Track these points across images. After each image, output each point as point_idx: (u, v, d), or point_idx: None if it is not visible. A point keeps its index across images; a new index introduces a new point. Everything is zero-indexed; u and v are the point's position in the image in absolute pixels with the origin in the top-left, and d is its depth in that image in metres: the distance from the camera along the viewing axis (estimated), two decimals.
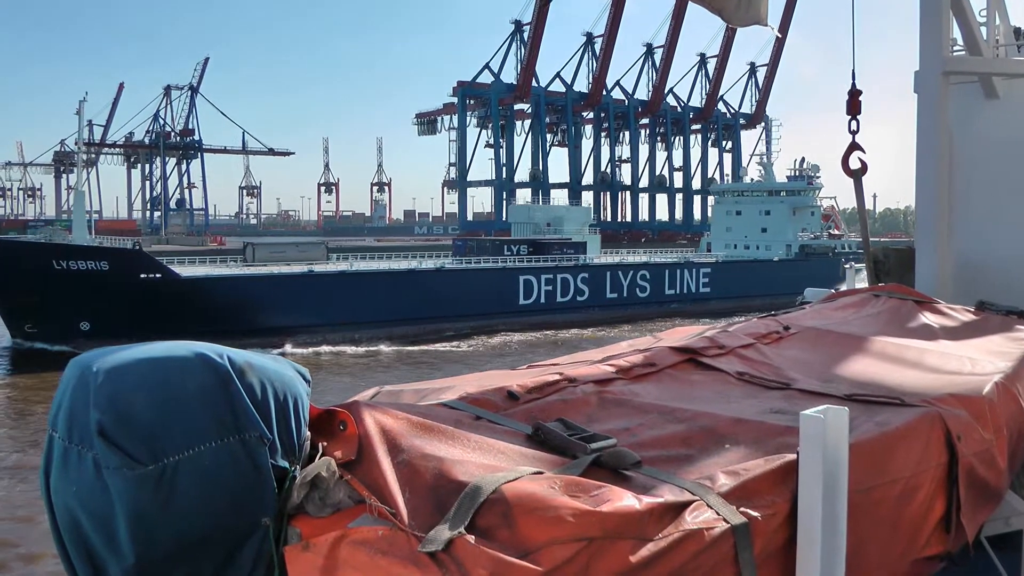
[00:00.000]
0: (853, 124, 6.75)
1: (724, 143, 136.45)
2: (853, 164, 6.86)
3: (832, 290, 6.89)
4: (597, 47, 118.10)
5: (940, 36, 7.20)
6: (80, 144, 48.76)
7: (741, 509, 2.20)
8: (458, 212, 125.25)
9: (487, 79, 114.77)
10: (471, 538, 1.81)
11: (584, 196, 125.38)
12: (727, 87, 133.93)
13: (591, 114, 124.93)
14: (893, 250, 8.05)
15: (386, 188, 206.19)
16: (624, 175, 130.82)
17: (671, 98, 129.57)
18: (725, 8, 5.54)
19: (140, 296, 38.42)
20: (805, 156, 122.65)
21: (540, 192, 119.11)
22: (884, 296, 5.41)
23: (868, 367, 3.83)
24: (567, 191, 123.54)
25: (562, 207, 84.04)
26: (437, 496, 1.95)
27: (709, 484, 2.24)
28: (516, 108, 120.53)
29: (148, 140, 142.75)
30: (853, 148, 6.82)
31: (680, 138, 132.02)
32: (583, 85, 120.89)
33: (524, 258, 54.95)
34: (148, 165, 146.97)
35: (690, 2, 5.60)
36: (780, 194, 72.57)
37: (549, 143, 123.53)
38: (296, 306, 41.57)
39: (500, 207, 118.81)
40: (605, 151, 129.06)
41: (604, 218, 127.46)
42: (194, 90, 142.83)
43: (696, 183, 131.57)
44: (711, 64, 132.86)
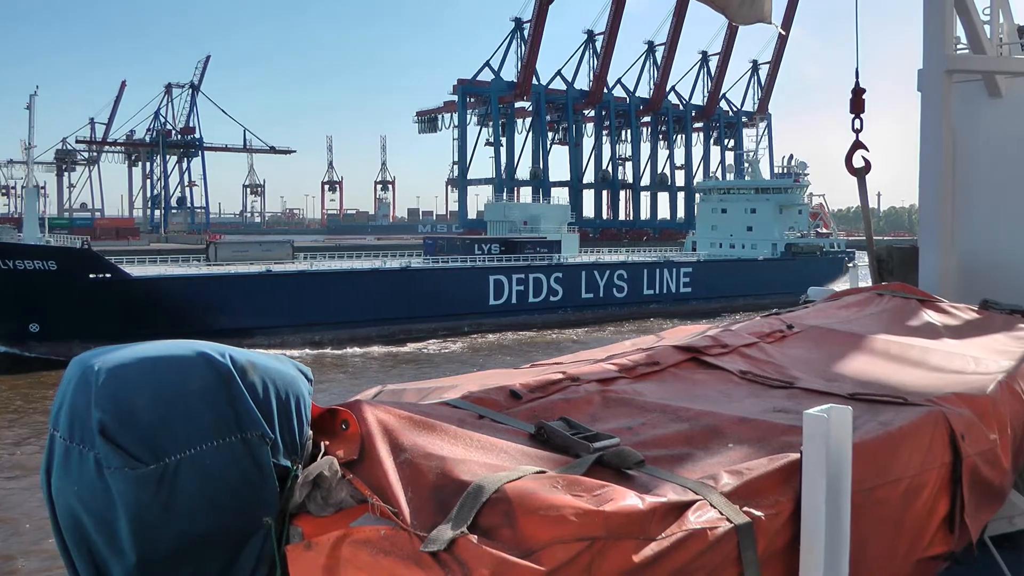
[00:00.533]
0: (856, 122, 6.74)
1: (727, 141, 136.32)
2: (856, 163, 6.85)
3: (833, 289, 6.88)
4: (598, 45, 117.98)
5: (943, 34, 7.19)
6: (24, 143, 47.95)
7: (744, 509, 2.19)
8: (458, 210, 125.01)
9: (488, 77, 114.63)
10: (473, 538, 1.81)
11: (585, 194, 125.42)
12: (729, 85, 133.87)
13: (592, 112, 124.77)
14: (896, 249, 8.03)
15: (390, 186, 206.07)
16: (626, 173, 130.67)
17: (673, 96, 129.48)
18: (729, 6, 5.53)
19: (89, 297, 36.92)
20: (793, 153, 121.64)
21: (540, 191, 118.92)
22: (888, 295, 5.40)
23: (872, 366, 3.82)
24: (568, 189, 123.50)
25: (539, 205, 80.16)
26: (439, 495, 1.94)
27: (712, 483, 2.24)
28: (517, 106, 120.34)
29: (149, 138, 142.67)
30: (857, 146, 6.81)
31: (682, 136, 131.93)
32: (584, 83, 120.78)
33: (494, 257, 52.79)
34: (149, 163, 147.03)
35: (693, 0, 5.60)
36: (767, 192, 70.65)
37: (550, 141, 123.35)
38: (253, 307, 39.89)
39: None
40: (606, 149, 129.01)
41: (605, 216, 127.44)
42: (195, 88, 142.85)
43: (699, 181, 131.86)
44: (713, 62, 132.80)
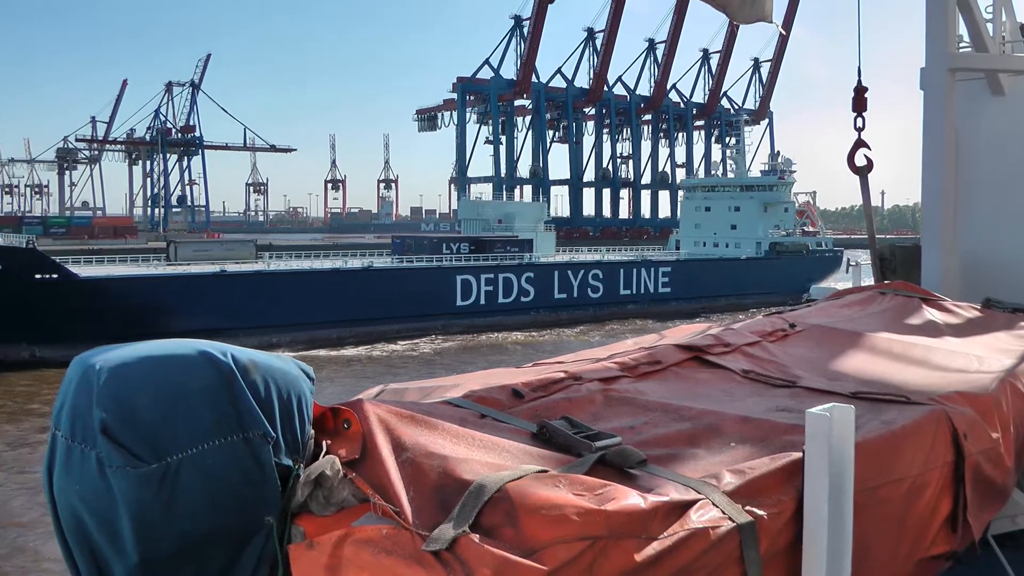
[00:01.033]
0: (859, 121, 6.72)
1: (728, 139, 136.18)
2: (859, 161, 6.83)
3: (833, 287, 6.87)
4: (598, 42, 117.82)
5: (946, 32, 7.17)
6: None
7: (747, 508, 2.19)
8: (458, 209, 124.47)
9: (487, 75, 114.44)
10: (475, 537, 1.80)
11: (586, 193, 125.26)
12: (731, 83, 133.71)
13: (592, 110, 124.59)
14: (899, 247, 8.02)
15: (393, 185, 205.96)
16: (629, 172, 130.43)
17: (674, 94, 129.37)
18: (729, 5, 5.52)
19: (35, 298, 36.14)
20: (781, 151, 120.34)
21: (541, 189, 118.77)
22: (890, 293, 5.39)
23: (874, 365, 3.82)
24: (568, 187, 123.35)
25: (514, 203, 78.53)
26: (441, 495, 1.94)
27: (715, 483, 2.23)
28: (517, 104, 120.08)
29: (149, 137, 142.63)
30: (859, 145, 6.79)
31: (683, 134, 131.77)
32: (584, 81, 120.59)
33: (462, 256, 51.49)
34: (149, 162, 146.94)
35: None
36: (752, 189, 69.17)
37: (550, 139, 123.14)
38: (206, 309, 38.73)
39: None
40: (607, 148, 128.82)
41: (606, 215, 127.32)
42: (195, 87, 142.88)
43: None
44: (714, 60, 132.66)
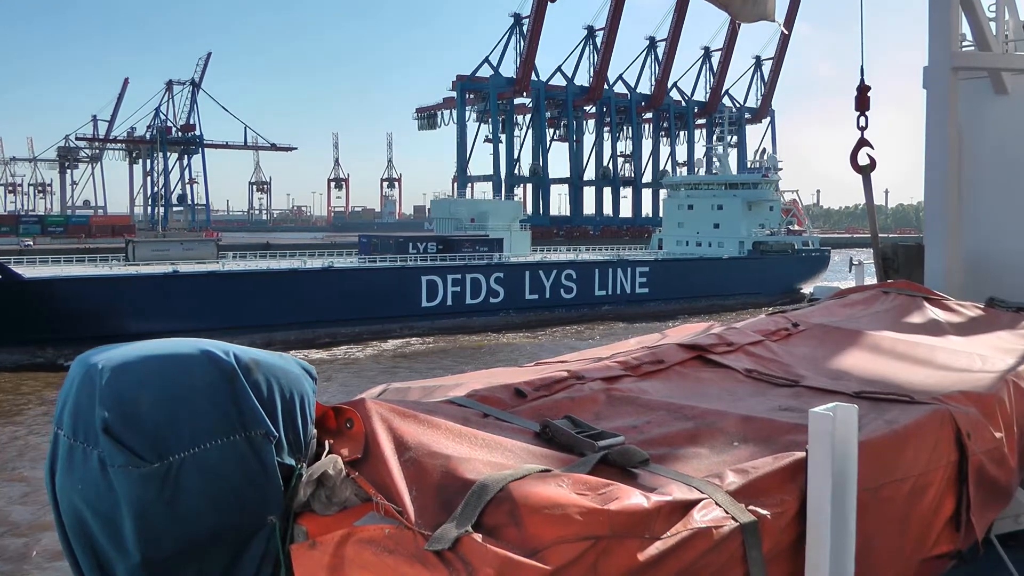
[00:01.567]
0: (862, 120, 6.70)
1: (729, 138, 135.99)
2: (862, 160, 6.82)
3: (837, 286, 6.86)
4: (599, 40, 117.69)
5: (949, 31, 7.17)
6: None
7: (750, 507, 2.19)
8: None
9: (487, 73, 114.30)
10: (478, 536, 1.80)
11: (586, 191, 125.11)
12: (732, 81, 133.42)
13: (593, 108, 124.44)
14: (902, 247, 8.02)
15: (396, 183, 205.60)
16: (633, 170, 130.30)
17: (675, 92, 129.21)
18: (732, 3, 5.50)
19: None
20: (766, 148, 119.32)
21: (541, 188, 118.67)
22: (893, 293, 5.38)
23: (877, 364, 3.81)
24: (568, 186, 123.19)
25: (488, 201, 75.37)
26: (444, 494, 1.94)
27: (717, 482, 2.23)
28: (516, 103, 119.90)
29: (149, 135, 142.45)
30: (862, 144, 6.78)
31: (684, 133, 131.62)
32: (584, 79, 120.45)
33: (427, 256, 49.86)
34: (150, 160, 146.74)
35: None
36: (735, 187, 67.13)
37: (550, 138, 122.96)
38: (157, 310, 37.48)
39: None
40: (607, 146, 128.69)
41: (607, 213, 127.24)
42: (196, 85, 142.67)
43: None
44: (715, 58, 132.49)
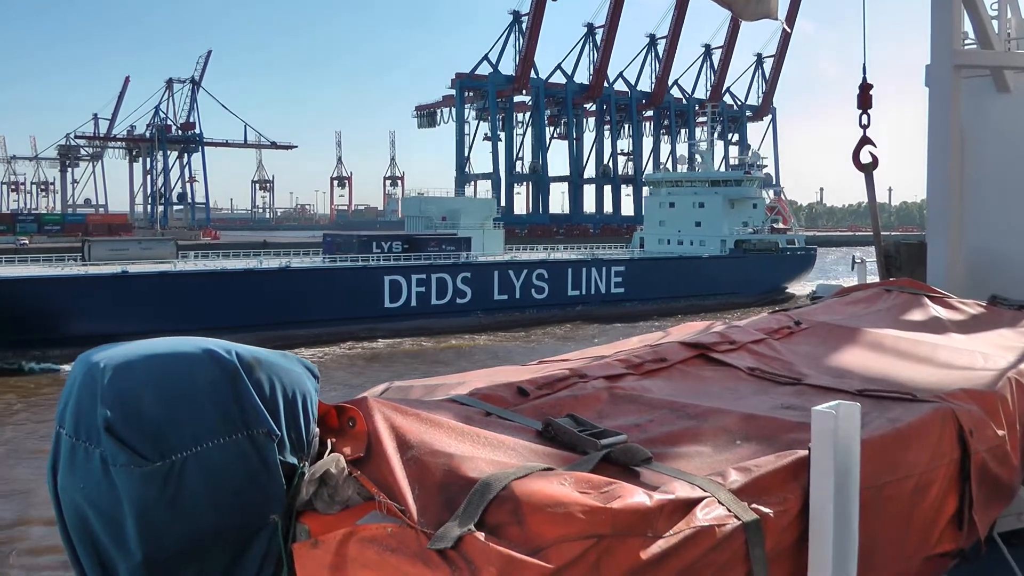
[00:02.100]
0: (864, 118, 6.69)
1: (730, 135, 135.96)
2: (864, 158, 6.81)
3: (840, 284, 6.87)
4: (598, 38, 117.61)
5: (951, 29, 7.16)
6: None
7: (752, 506, 2.18)
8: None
9: (486, 70, 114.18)
10: (481, 535, 1.80)
11: (586, 189, 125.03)
12: (733, 78, 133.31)
13: (593, 106, 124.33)
14: (904, 244, 8.02)
15: (399, 182, 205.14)
16: (638, 169, 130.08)
17: (676, 90, 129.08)
18: (735, 2, 5.49)
19: None
20: (751, 144, 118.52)
21: (540, 185, 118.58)
22: (895, 291, 5.38)
23: (880, 362, 3.81)
24: (568, 184, 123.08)
25: (459, 199, 74.42)
26: (447, 493, 1.93)
27: (720, 480, 2.23)
28: (516, 100, 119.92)
29: (149, 134, 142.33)
30: (864, 142, 6.77)
31: (685, 130, 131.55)
32: (584, 77, 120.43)
33: (391, 256, 48.46)
34: (149, 159, 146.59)
35: None
36: (718, 184, 65.74)
37: (550, 136, 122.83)
38: (105, 312, 36.24)
39: (498, 201, 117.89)
40: (607, 144, 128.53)
41: (607, 211, 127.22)
42: (196, 83, 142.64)
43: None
44: (716, 55, 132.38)
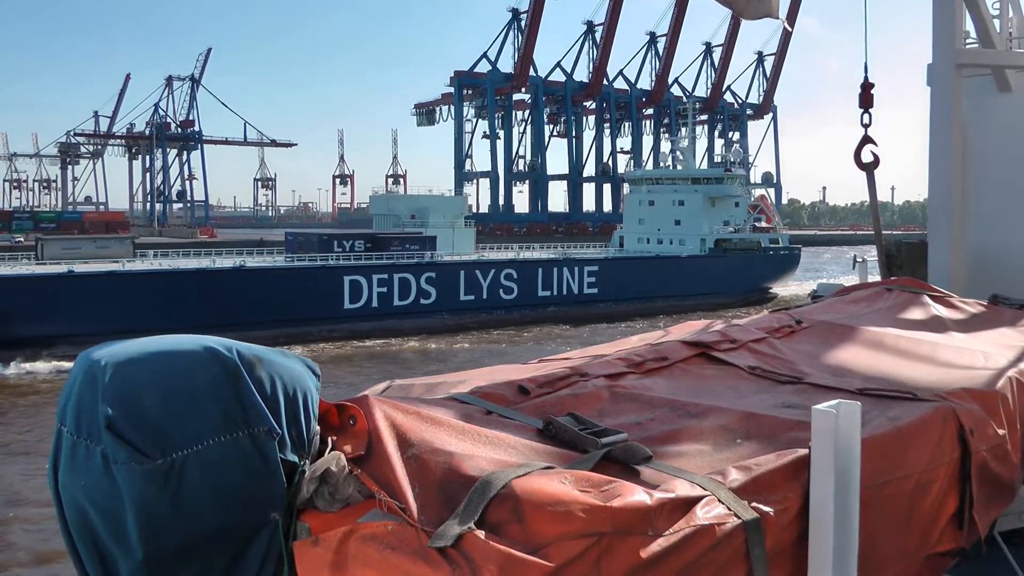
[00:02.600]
0: (865, 117, 6.69)
1: (731, 134, 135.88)
2: (865, 157, 6.81)
3: (841, 283, 6.87)
4: (598, 36, 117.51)
5: (953, 29, 7.16)
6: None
7: (753, 504, 2.18)
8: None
9: (485, 68, 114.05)
10: (481, 533, 1.80)
11: (586, 188, 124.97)
12: (734, 76, 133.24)
13: (592, 104, 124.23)
14: (906, 244, 8.03)
15: (401, 180, 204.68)
16: (629, 167, 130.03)
17: (676, 88, 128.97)
18: (736, 1, 5.49)
19: None
20: (735, 140, 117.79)
21: (539, 183, 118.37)
22: (897, 290, 5.38)
23: (881, 361, 3.80)
24: (567, 182, 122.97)
25: (428, 196, 72.53)
26: (447, 491, 1.93)
27: (720, 479, 2.23)
28: (515, 98, 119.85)
29: (148, 131, 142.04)
30: (865, 141, 6.77)
31: (685, 128, 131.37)
32: (584, 75, 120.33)
33: (352, 255, 47.05)
34: (149, 157, 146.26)
35: None
36: (699, 182, 64.40)
37: (549, 134, 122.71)
38: (53, 313, 35.38)
39: (496, 199, 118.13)
40: (607, 142, 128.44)
41: (606, 210, 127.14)
42: (195, 81, 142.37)
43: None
44: (717, 53, 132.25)
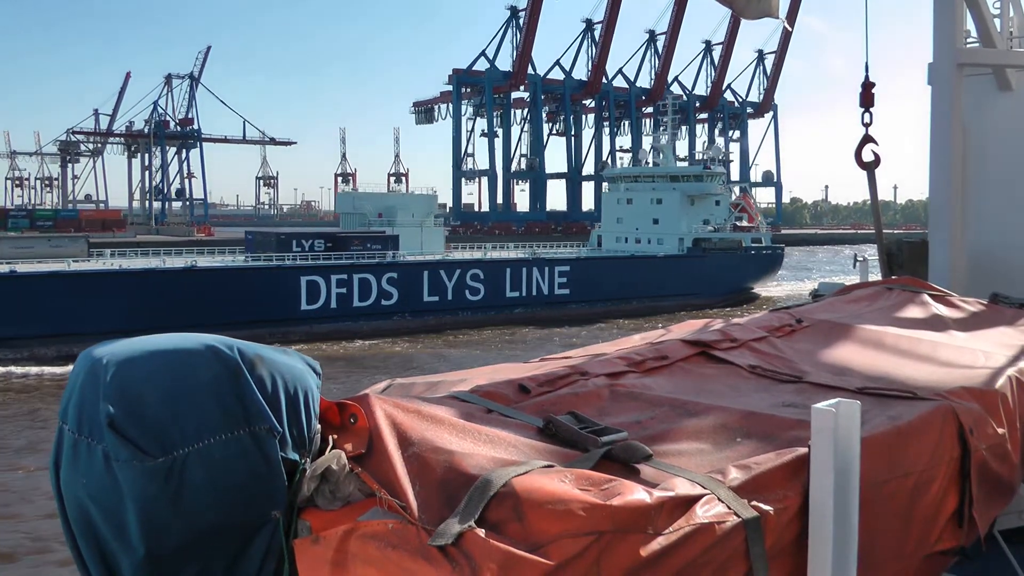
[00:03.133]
0: (866, 116, 6.69)
1: (731, 132, 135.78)
2: (866, 156, 6.81)
3: (842, 282, 6.88)
4: (597, 34, 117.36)
5: (954, 28, 7.16)
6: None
7: (752, 503, 2.19)
8: (452, 203, 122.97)
9: (483, 66, 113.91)
10: (481, 532, 1.80)
11: (585, 186, 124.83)
12: (734, 75, 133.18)
13: (591, 103, 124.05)
14: (906, 243, 8.03)
15: (404, 178, 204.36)
16: (629, 165, 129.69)
17: (676, 86, 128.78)
18: (736, 1, 5.49)
19: None
20: (717, 137, 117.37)
21: (538, 182, 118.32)
22: (897, 289, 5.38)
23: (881, 360, 3.81)
24: (565, 181, 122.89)
25: (397, 195, 71.14)
26: (447, 489, 1.94)
27: (720, 478, 2.23)
28: (514, 97, 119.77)
29: (147, 129, 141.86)
30: (866, 140, 6.77)
31: (685, 127, 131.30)
32: (582, 73, 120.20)
33: (309, 255, 45.68)
34: (148, 155, 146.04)
35: None
36: (678, 180, 63.15)
37: (548, 132, 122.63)
38: None
39: (494, 197, 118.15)
40: (606, 141, 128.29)
41: None
42: (194, 79, 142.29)
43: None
44: (717, 52, 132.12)
